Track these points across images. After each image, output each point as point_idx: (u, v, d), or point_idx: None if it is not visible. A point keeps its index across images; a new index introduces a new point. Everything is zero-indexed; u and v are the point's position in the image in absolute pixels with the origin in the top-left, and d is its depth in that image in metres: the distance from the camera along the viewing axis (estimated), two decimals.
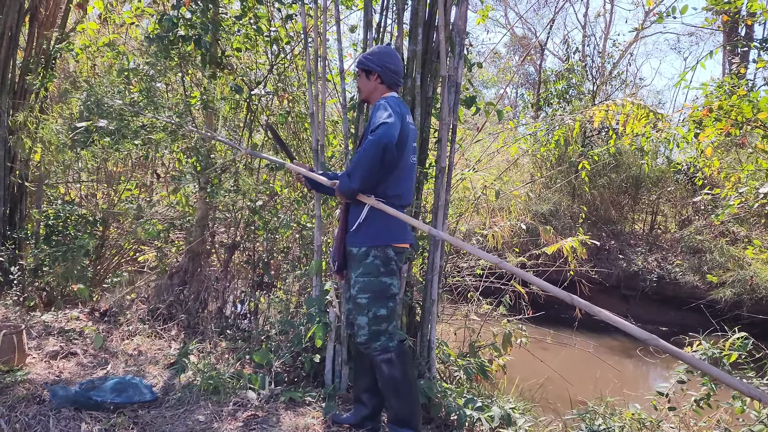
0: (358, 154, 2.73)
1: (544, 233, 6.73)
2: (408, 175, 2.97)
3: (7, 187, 5.75)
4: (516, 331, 5.48)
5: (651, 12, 16.55)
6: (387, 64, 2.98)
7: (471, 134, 7.75)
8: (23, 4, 5.65)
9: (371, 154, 2.65)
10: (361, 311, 2.88)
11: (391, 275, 2.89)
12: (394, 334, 2.95)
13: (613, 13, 19.97)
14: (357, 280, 2.89)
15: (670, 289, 10.71)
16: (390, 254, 2.88)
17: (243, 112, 5.69)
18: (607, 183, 12.16)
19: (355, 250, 2.90)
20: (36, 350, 4.06)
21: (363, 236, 2.87)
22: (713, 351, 3.66)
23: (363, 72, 3.04)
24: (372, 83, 3.02)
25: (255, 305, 5.31)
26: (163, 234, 5.63)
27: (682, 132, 5.94)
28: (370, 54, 3.04)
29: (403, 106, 2.95)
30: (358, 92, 3.17)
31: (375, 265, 2.85)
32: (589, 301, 2.16)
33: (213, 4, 5.03)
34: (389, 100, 2.88)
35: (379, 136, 2.63)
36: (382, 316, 2.87)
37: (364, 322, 2.88)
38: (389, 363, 2.86)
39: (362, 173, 2.70)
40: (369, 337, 2.88)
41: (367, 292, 2.86)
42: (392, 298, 2.92)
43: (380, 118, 2.70)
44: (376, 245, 2.85)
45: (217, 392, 3.48)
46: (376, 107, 2.84)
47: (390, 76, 2.99)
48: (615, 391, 4.63)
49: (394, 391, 2.88)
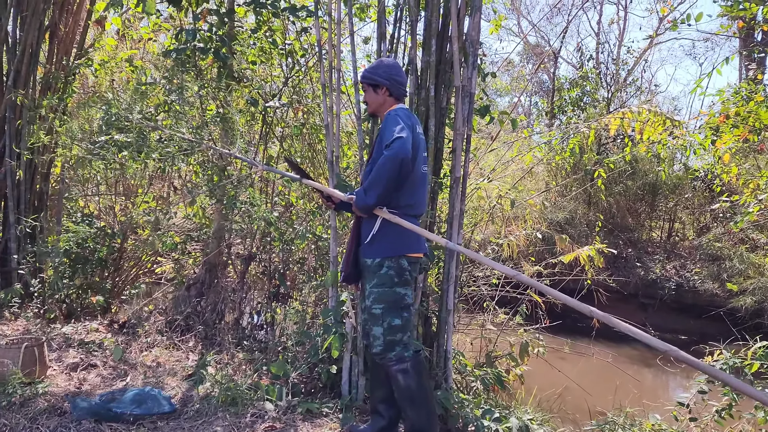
0: (375, 170, 2.74)
1: (560, 242, 6.70)
2: (420, 185, 2.98)
3: (28, 201, 5.84)
4: (533, 341, 5.44)
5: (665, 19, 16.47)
6: (394, 77, 3.00)
7: (485, 143, 7.75)
8: (43, 21, 5.76)
9: (388, 170, 2.67)
10: (375, 322, 2.89)
11: (405, 285, 2.90)
12: (410, 345, 2.94)
13: (626, 20, 19.90)
14: (371, 291, 2.90)
15: (689, 297, 10.57)
16: (404, 265, 2.88)
17: (258, 124, 5.74)
18: (623, 190, 12.06)
19: (369, 261, 2.91)
20: (57, 362, 4.10)
21: (377, 247, 2.88)
22: (735, 360, 3.61)
23: (370, 86, 3.05)
24: (380, 96, 3.03)
25: (271, 316, 5.33)
26: (180, 246, 5.69)
27: (698, 139, 5.90)
28: (376, 67, 3.04)
29: (412, 117, 2.96)
30: (366, 106, 3.17)
31: (389, 276, 2.86)
32: (606, 311, 2.15)
33: (229, 18, 5.10)
34: (399, 111, 2.89)
35: (395, 151, 2.65)
36: (397, 326, 2.87)
37: (379, 333, 2.88)
38: (405, 373, 2.86)
39: (379, 189, 2.72)
40: (384, 348, 2.88)
41: (381, 302, 2.87)
42: (407, 309, 2.92)
43: (394, 133, 2.71)
44: (390, 256, 2.86)
45: (235, 404, 3.49)
46: (387, 119, 2.86)
47: (398, 89, 3.01)
48: (634, 401, 4.58)
49: (411, 402, 2.87)
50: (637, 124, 6.40)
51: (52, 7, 5.82)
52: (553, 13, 20.12)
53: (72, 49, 6.06)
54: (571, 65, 20.30)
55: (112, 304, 5.82)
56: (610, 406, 4.60)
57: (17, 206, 5.74)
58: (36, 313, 5.16)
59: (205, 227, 5.81)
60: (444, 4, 3.89)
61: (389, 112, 2.90)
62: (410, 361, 2.88)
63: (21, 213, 5.77)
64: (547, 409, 4.97)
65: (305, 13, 4.95)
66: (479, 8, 3.80)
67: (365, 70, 3.07)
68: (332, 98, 4.07)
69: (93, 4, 6.13)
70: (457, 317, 5.59)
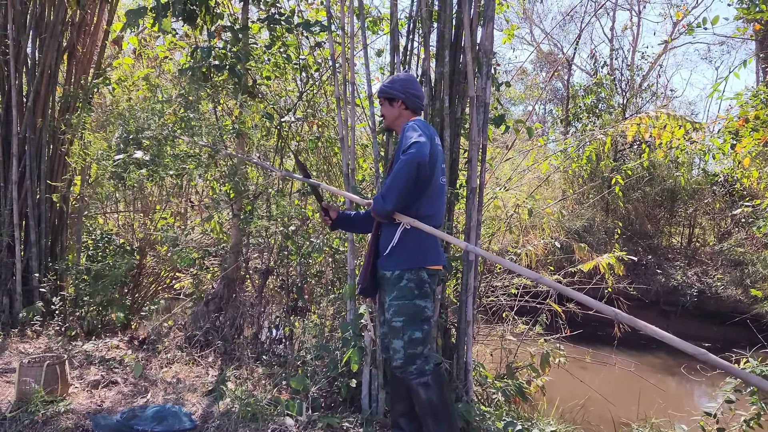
0: (392, 175, 2.73)
1: (578, 250, 6.63)
2: (439, 196, 2.96)
3: (48, 219, 5.92)
4: (554, 351, 5.37)
5: (680, 23, 16.37)
6: (409, 90, 3.01)
7: (501, 152, 7.73)
8: (61, 43, 5.87)
9: (405, 173, 2.65)
10: (396, 335, 2.87)
11: (425, 298, 2.88)
12: (430, 357, 2.92)
13: (640, 26, 19.92)
14: (391, 304, 2.88)
15: (711, 304, 10.41)
16: (424, 277, 2.87)
17: (274, 138, 5.78)
18: (641, 197, 11.95)
19: (388, 274, 2.90)
20: (78, 380, 4.13)
21: (396, 259, 2.87)
22: (762, 368, 3.53)
23: (386, 100, 3.06)
24: (396, 110, 3.04)
25: (290, 330, 5.33)
26: (198, 261, 5.72)
27: (717, 143, 5.83)
28: (391, 82, 3.06)
29: (430, 128, 2.96)
30: (383, 119, 3.18)
31: (409, 288, 2.84)
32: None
33: (243, 35, 5.15)
34: (417, 122, 2.91)
35: (412, 155, 2.64)
36: (418, 339, 2.85)
37: (399, 346, 2.86)
38: (426, 386, 2.84)
39: (397, 193, 2.70)
40: (405, 361, 2.86)
41: (401, 315, 2.85)
42: (427, 321, 2.90)
43: (411, 138, 2.71)
44: (410, 268, 2.84)
45: (255, 419, 3.48)
46: (405, 129, 2.86)
47: (414, 102, 3.02)
48: (659, 411, 4.50)
49: (433, 416, 2.85)
50: (654, 129, 6.34)
51: (70, 29, 5.93)
52: (566, 21, 20.09)
53: (90, 68, 6.16)
54: (585, 72, 20.25)
55: (132, 321, 5.85)
56: (634, 417, 4.52)
57: (38, 225, 5.82)
58: (57, 331, 5.21)
59: (223, 242, 5.83)
60: (456, 15, 3.90)
61: (407, 123, 2.91)
62: (431, 374, 2.86)
63: (41, 232, 5.85)
64: (570, 420, 4.90)
65: (319, 28, 4.98)
66: (492, 18, 3.79)
67: (381, 85, 3.10)
68: (347, 111, 4.08)
69: (110, 24, 6.23)
70: (476, 328, 5.54)
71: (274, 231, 5.45)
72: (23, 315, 5.23)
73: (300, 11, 5.55)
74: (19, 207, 5.66)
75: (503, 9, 5.22)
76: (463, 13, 3.76)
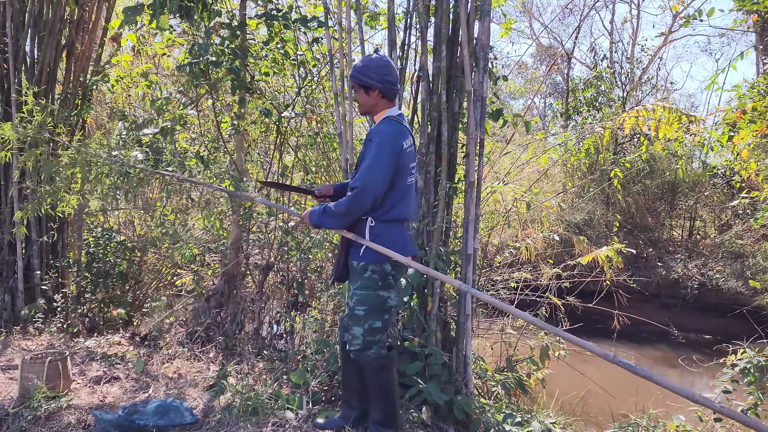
0: (342, 204, 2.82)
1: (578, 243, 6.65)
2: (406, 195, 2.95)
3: (49, 217, 5.94)
4: (553, 344, 5.40)
5: (678, 16, 16.32)
6: (386, 78, 2.88)
7: (500, 146, 7.73)
8: (60, 41, 5.87)
9: (350, 207, 2.80)
10: (357, 322, 2.95)
11: (388, 289, 2.95)
12: (385, 343, 3.03)
13: (640, 19, 19.87)
14: (355, 292, 2.96)
15: (712, 296, 10.43)
16: (387, 269, 2.93)
17: (273, 134, 5.79)
18: (641, 190, 11.96)
19: (355, 264, 2.96)
20: (80, 376, 4.16)
21: (362, 252, 2.93)
22: (759, 359, 3.55)
23: (361, 87, 2.93)
24: (372, 98, 2.93)
25: (290, 325, 5.36)
26: (199, 257, 5.74)
27: (716, 135, 5.83)
28: (365, 68, 2.88)
29: (403, 132, 2.88)
30: (358, 106, 3.06)
31: (373, 279, 2.91)
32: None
33: (241, 31, 5.16)
34: (389, 131, 2.83)
35: (356, 195, 2.76)
36: (377, 328, 2.94)
37: (359, 333, 2.94)
38: (379, 370, 2.96)
39: (337, 221, 2.87)
40: (362, 347, 2.95)
41: (364, 304, 2.92)
42: (388, 311, 2.98)
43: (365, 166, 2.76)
44: (375, 261, 2.91)
45: (256, 413, 3.51)
46: (374, 137, 2.82)
47: (390, 90, 2.90)
48: (658, 402, 4.52)
49: (386, 396, 2.99)
50: (652, 122, 6.34)
51: (68, 27, 5.93)
52: (565, 14, 20.04)
53: (89, 66, 6.16)
54: (585, 65, 20.22)
55: (134, 317, 5.88)
56: (633, 408, 4.54)
57: (39, 222, 5.83)
58: (59, 328, 5.23)
59: (223, 238, 5.86)
60: (453, 9, 3.90)
61: (375, 133, 2.85)
62: (384, 358, 2.97)
63: (42, 229, 5.87)
64: (570, 412, 4.93)
65: (316, 24, 4.99)
66: (488, 12, 3.80)
67: (355, 70, 2.92)
68: (345, 107, 4.09)
69: (108, 21, 6.23)
70: (476, 322, 5.56)
71: (274, 227, 5.47)
72: (25, 312, 5.26)
73: (297, 7, 5.55)
74: (19, 205, 5.68)
75: (500, 3, 5.23)
76: (459, 7, 3.77)
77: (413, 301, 3.97)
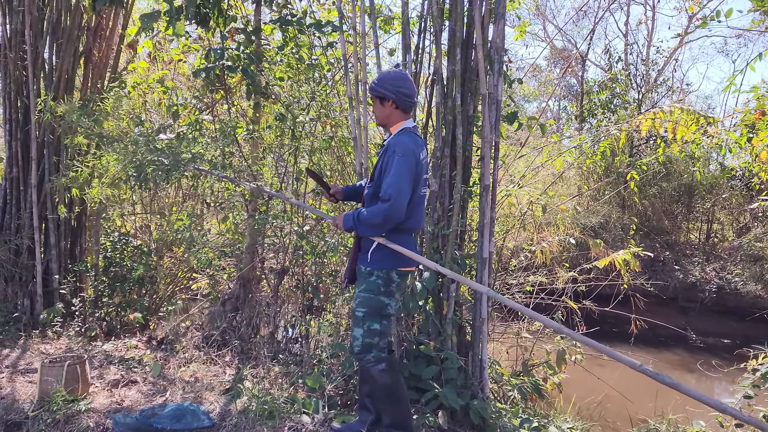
0: (374, 215, 2.87)
1: (594, 247, 6.59)
2: (418, 206, 3.03)
3: (67, 222, 6.00)
4: (570, 348, 5.35)
5: (694, 17, 16.18)
6: (401, 89, 2.95)
7: (514, 150, 7.69)
8: (78, 47, 5.95)
9: (380, 223, 2.86)
10: (357, 323, 3.03)
11: (389, 296, 3.01)
12: (386, 348, 3.06)
13: (655, 20, 19.56)
14: (358, 295, 3.04)
15: (730, 300, 10.30)
16: (393, 277, 3.00)
17: (287, 139, 5.81)
18: (658, 192, 11.84)
19: (363, 268, 3.04)
20: (98, 379, 4.19)
21: (371, 258, 3.00)
22: None
23: (377, 99, 3.03)
24: (387, 109, 3.01)
25: (305, 329, 5.36)
26: (215, 262, 5.77)
27: (734, 137, 5.77)
28: (382, 80, 2.99)
29: (418, 143, 2.95)
30: (375, 117, 3.14)
31: (377, 284, 2.98)
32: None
33: (256, 36, 5.19)
34: (405, 145, 2.88)
35: (386, 211, 2.81)
36: (376, 331, 2.99)
37: (359, 334, 3.01)
38: (381, 373, 3.00)
39: (369, 230, 2.93)
40: (362, 349, 3.01)
41: (364, 306, 3.00)
42: (387, 317, 3.03)
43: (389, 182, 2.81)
44: (381, 268, 2.98)
45: (272, 417, 3.51)
46: (392, 148, 2.88)
47: (405, 101, 2.97)
48: (677, 407, 4.46)
49: (387, 399, 3.04)
50: (669, 124, 6.28)
51: (86, 34, 6.00)
52: (579, 16, 19.91)
53: (106, 72, 6.23)
54: (600, 68, 20.06)
55: (150, 321, 5.92)
56: (651, 413, 4.49)
57: (57, 227, 5.90)
58: (77, 332, 5.28)
59: (238, 242, 5.88)
60: (468, 12, 3.90)
61: (396, 138, 2.92)
62: (386, 361, 3.02)
63: (61, 234, 5.93)
64: (587, 417, 4.88)
65: (330, 28, 5.00)
66: (503, 15, 3.79)
67: (372, 82, 3.06)
68: (359, 111, 4.10)
69: (125, 28, 6.30)
70: (491, 326, 5.54)
71: (288, 231, 5.48)
72: (44, 316, 5.32)
73: (312, 12, 5.57)
74: (38, 210, 5.75)
75: (514, 6, 5.21)
76: (474, 10, 3.76)
77: (428, 305, 3.97)
